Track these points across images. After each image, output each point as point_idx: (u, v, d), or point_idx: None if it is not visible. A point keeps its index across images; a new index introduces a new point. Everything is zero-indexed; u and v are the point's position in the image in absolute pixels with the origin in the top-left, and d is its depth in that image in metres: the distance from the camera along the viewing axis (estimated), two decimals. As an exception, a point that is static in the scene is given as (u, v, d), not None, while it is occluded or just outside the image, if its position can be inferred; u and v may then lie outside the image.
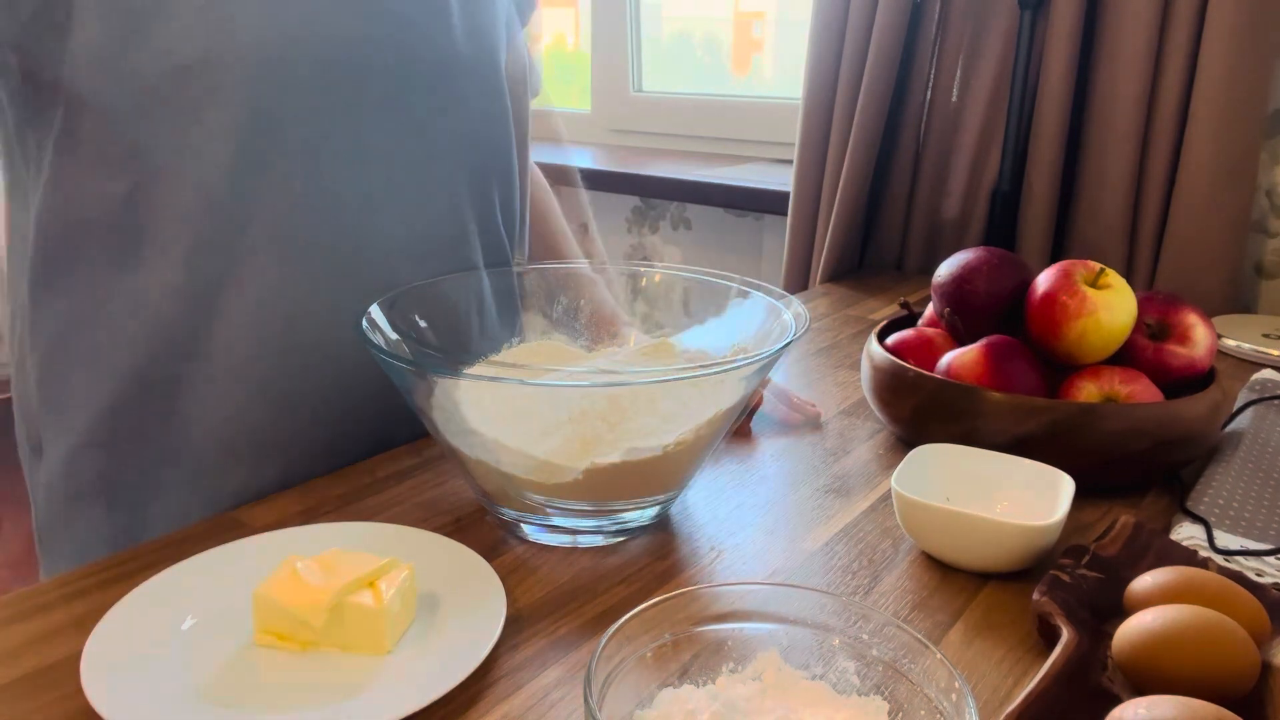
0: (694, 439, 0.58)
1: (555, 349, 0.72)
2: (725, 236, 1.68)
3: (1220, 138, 1.08)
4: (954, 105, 1.30)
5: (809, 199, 1.41)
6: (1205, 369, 0.73)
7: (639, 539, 0.62)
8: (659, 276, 0.75)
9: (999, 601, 0.56)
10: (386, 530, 0.59)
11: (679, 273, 0.75)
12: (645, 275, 0.76)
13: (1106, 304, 0.70)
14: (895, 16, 1.26)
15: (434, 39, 0.70)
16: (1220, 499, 0.65)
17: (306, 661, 0.48)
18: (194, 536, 0.61)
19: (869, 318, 1.16)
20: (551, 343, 0.73)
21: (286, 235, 0.66)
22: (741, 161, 1.76)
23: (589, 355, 0.72)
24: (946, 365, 0.74)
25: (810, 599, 0.46)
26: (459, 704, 0.46)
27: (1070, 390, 0.71)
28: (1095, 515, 0.66)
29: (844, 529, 0.64)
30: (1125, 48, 1.12)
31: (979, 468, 0.64)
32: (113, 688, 0.44)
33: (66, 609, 0.53)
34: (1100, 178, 1.17)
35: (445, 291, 0.70)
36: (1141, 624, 0.45)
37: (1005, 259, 0.78)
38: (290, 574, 0.49)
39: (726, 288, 0.72)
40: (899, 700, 0.42)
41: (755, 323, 0.68)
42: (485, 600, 0.52)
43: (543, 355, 0.71)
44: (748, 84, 2.07)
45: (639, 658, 0.44)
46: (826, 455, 0.76)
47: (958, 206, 1.32)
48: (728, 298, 0.72)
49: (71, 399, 0.69)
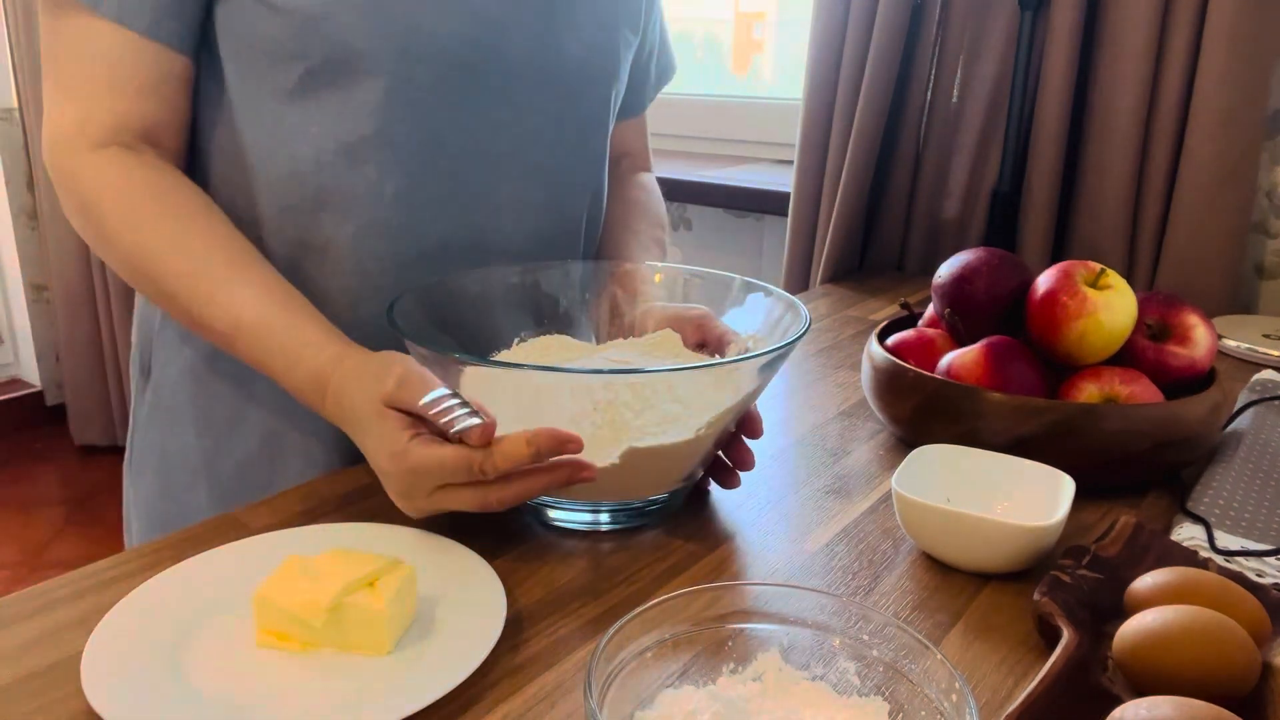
0: (721, 424, 0.60)
1: (562, 343, 0.72)
2: (725, 237, 1.68)
3: (1220, 138, 1.08)
4: (954, 105, 1.30)
5: (809, 199, 1.41)
6: (1205, 369, 0.73)
7: (640, 539, 0.62)
8: (659, 276, 0.76)
9: (999, 602, 0.56)
10: (386, 530, 0.59)
11: (680, 268, 0.76)
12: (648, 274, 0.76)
13: (1107, 304, 0.70)
14: (895, 17, 1.26)
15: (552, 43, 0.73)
16: (1220, 500, 0.65)
17: (306, 661, 0.48)
18: (194, 536, 0.60)
19: (869, 318, 1.16)
20: (557, 338, 0.73)
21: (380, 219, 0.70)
22: (741, 162, 1.76)
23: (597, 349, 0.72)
24: (947, 366, 0.74)
25: (810, 599, 0.46)
26: (459, 704, 0.46)
27: (1070, 391, 0.71)
28: (1095, 516, 0.66)
29: (844, 529, 0.64)
30: (1125, 48, 1.12)
31: (979, 468, 0.64)
32: (113, 688, 0.44)
33: (66, 609, 0.53)
34: (1100, 178, 1.17)
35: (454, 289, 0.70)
36: (1142, 624, 0.45)
37: (1005, 259, 0.78)
38: (290, 574, 0.49)
39: (729, 280, 0.73)
40: (899, 701, 0.42)
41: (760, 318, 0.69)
42: (485, 600, 0.52)
43: (552, 350, 0.71)
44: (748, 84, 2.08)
45: (639, 658, 0.44)
46: (827, 456, 0.76)
47: (958, 207, 1.32)
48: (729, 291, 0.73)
49: (182, 332, 0.76)
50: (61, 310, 2.84)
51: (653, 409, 0.59)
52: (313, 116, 0.67)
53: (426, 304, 0.66)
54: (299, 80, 0.66)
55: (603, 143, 0.81)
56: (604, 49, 0.77)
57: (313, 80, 0.66)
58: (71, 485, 2.73)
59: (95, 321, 2.86)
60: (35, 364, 3.03)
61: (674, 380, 0.59)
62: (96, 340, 2.87)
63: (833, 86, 1.35)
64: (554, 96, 0.75)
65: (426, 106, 0.69)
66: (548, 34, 0.72)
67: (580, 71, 0.76)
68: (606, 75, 0.78)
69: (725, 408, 0.60)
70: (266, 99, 0.68)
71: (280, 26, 0.64)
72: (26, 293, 2.96)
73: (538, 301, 0.74)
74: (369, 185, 0.69)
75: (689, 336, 0.69)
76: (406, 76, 0.67)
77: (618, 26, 0.78)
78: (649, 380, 0.58)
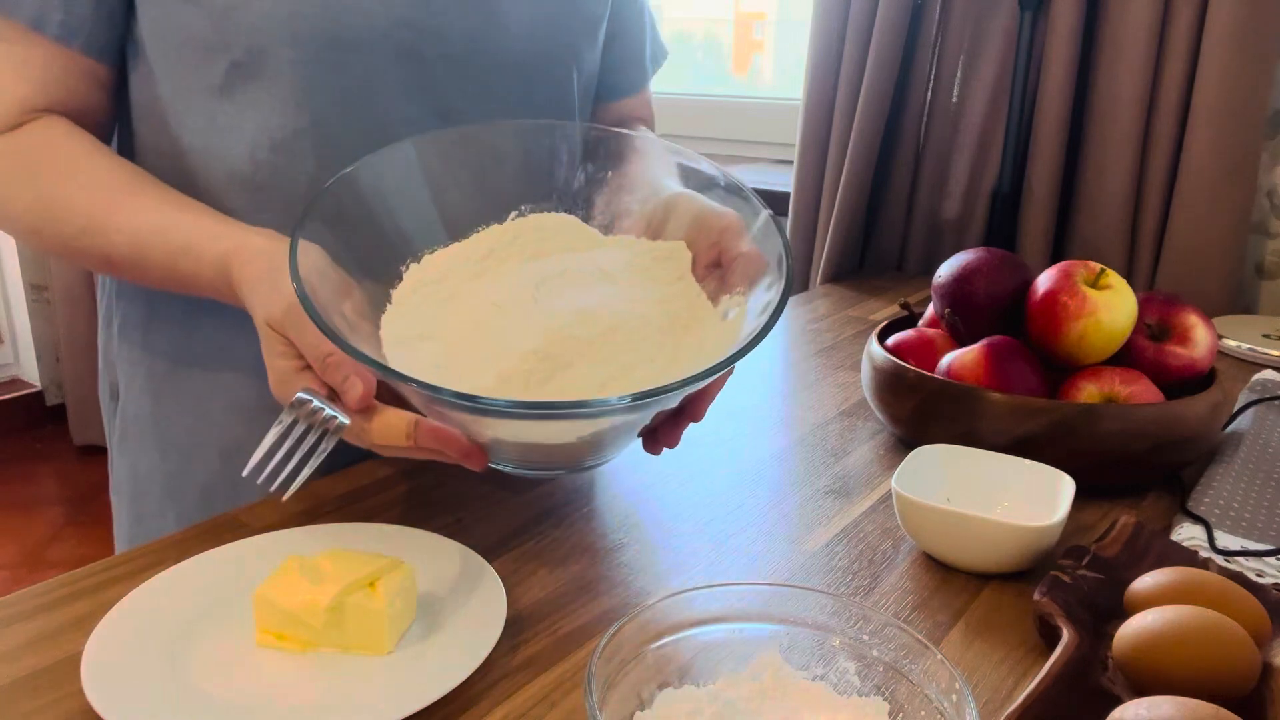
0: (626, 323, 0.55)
1: (559, 226, 0.64)
2: (725, 237, 1.68)
3: (1220, 138, 1.08)
4: (954, 105, 1.30)
5: (809, 199, 1.41)
6: (1205, 369, 0.73)
7: (638, 539, 0.62)
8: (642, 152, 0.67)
9: (999, 602, 0.56)
10: (386, 530, 0.59)
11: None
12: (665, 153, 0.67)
13: (1107, 304, 0.70)
14: (895, 17, 1.26)
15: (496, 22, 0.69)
16: (1221, 500, 0.65)
17: (306, 661, 0.48)
18: (194, 536, 0.60)
19: (869, 318, 1.16)
20: (558, 218, 0.65)
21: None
22: (741, 162, 1.76)
23: (602, 241, 0.65)
24: (947, 366, 0.74)
25: (810, 599, 0.46)
26: (459, 704, 0.46)
27: (1070, 391, 0.71)
28: (1095, 516, 0.66)
29: (844, 529, 0.64)
30: (1125, 48, 1.12)
31: (979, 468, 0.64)
32: (113, 688, 0.44)
33: (66, 609, 0.53)
34: (1100, 178, 1.17)
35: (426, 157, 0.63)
36: (1142, 624, 0.45)
37: (1005, 259, 0.78)
38: (290, 574, 0.49)
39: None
40: (899, 701, 0.42)
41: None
42: (485, 600, 0.52)
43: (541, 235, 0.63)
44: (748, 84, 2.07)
45: (639, 658, 0.44)
46: (827, 456, 0.76)
47: (958, 207, 1.32)
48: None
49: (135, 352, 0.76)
50: (61, 310, 2.85)
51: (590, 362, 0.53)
52: (245, 112, 0.66)
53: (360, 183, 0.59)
54: (225, 75, 0.65)
55: None
56: (557, 26, 0.73)
57: (239, 73, 0.64)
58: (71, 485, 2.73)
59: (95, 321, 2.86)
60: (35, 364, 3.03)
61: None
62: (96, 340, 2.87)
63: (833, 86, 1.35)
64: (507, 81, 0.71)
65: (364, 96, 0.66)
66: (491, 13, 0.69)
67: (532, 52, 0.72)
68: (562, 55, 0.74)
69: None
70: (198, 98, 0.66)
71: (199, 19, 0.63)
72: (26, 293, 2.96)
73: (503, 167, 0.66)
74: (309, 180, 0.67)
75: (703, 254, 0.61)
76: (337, 64, 0.65)
77: (574, 2, 0.74)
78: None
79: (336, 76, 0.65)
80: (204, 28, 0.64)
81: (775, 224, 0.59)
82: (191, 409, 0.74)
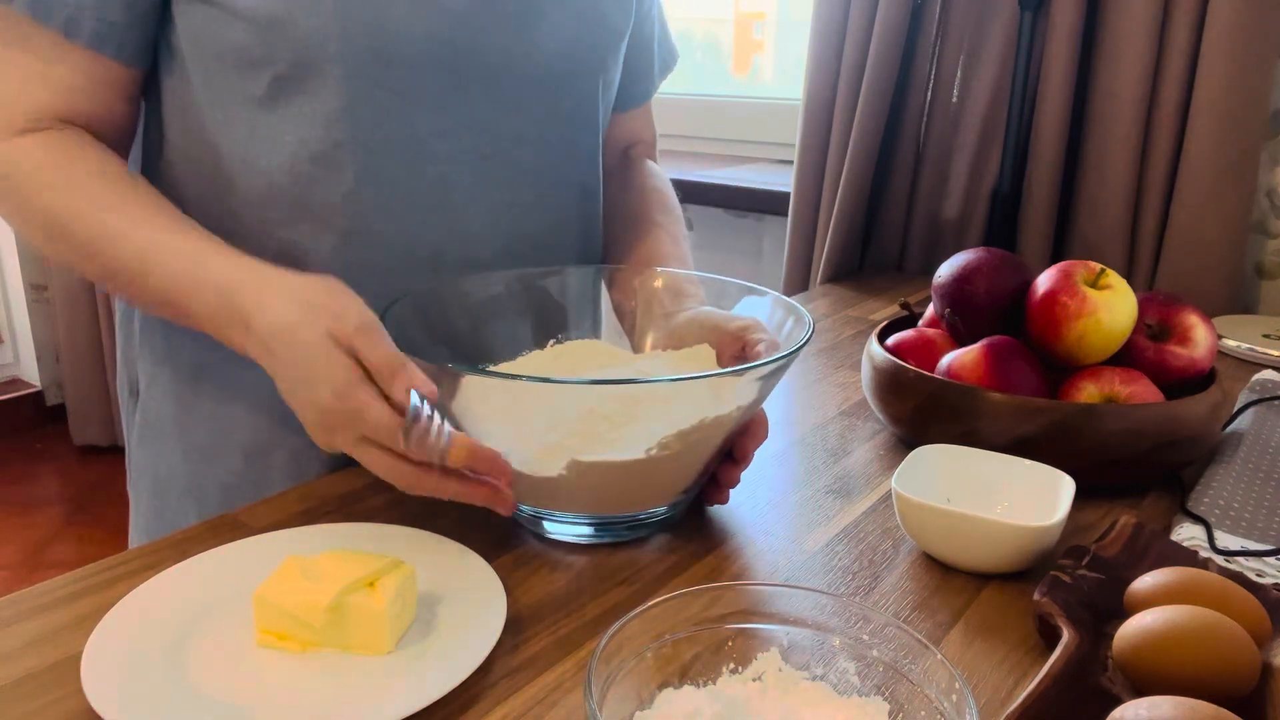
0: (680, 446, 0.57)
1: (593, 349, 0.70)
2: (725, 237, 1.68)
3: (1220, 138, 1.08)
4: (954, 105, 1.30)
5: (809, 199, 1.41)
6: (1205, 369, 0.73)
7: (638, 539, 0.62)
8: (660, 281, 0.74)
9: (999, 602, 0.56)
10: (386, 530, 0.59)
11: (678, 273, 0.75)
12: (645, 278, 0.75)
13: (1107, 305, 0.70)
14: (895, 17, 1.26)
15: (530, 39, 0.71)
16: (1221, 500, 0.65)
17: (306, 661, 0.48)
18: (194, 536, 0.60)
19: (869, 318, 1.16)
20: (591, 343, 0.71)
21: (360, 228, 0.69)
22: (741, 162, 1.76)
23: (633, 358, 0.70)
24: (947, 366, 0.74)
25: (811, 599, 0.46)
26: (459, 704, 0.46)
27: (1070, 391, 0.71)
28: (1095, 516, 0.66)
29: (844, 529, 0.64)
30: (1125, 48, 1.12)
31: (979, 468, 0.64)
32: (113, 688, 0.44)
33: (66, 609, 0.53)
34: (1100, 178, 1.17)
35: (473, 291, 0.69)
36: (1142, 624, 0.45)
37: (1005, 259, 0.78)
38: (290, 574, 0.49)
39: (724, 285, 0.72)
40: (899, 701, 0.42)
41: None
42: (485, 600, 0.52)
43: (579, 356, 0.69)
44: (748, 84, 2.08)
45: (639, 658, 0.44)
46: (827, 456, 0.76)
47: (958, 207, 1.32)
48: (725, 297, 0.72)
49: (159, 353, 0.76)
50: (61, 310, 2.84)
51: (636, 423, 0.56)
52: (286, 124, 0.66)
53: (419, 311, 0.65)
54: (268, 87, 0.65)
55: (593, 139, 0.80)
56: (585, 42, 0.75)
57: (282, 86, 0.65)
58: (71, 485, 2.73)
59: (95, 321, 2.86)
60: (35, 364, 3.03)
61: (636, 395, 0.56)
62: (96, 340, 2.87)
63: (832, 86, 1.35)
64: (537, 94, 0.73)
65: (403, 109, 0.67)
66: (525, 29, 0.70)
67: (562, 66, 0.74)
68: (590, 69, 0.76)
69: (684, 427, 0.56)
70: (238, 108, 0.66)
71: (243, 32, 0.63)
72: (26, 293, 2.96)
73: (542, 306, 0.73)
74: (347, 193, 0.68)
75: (726, 349, 0.65)
76: (378, 79, 0.66)
77: (601, 16, 0.76)
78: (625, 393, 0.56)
79: (378, 91, 0.66)
80: (247, 40, 0.64)
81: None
82: (215, 410, 0.74)
